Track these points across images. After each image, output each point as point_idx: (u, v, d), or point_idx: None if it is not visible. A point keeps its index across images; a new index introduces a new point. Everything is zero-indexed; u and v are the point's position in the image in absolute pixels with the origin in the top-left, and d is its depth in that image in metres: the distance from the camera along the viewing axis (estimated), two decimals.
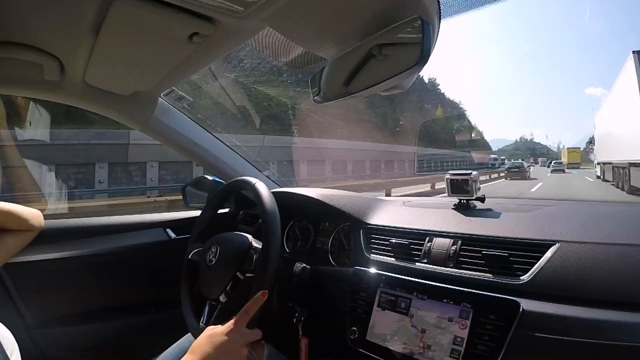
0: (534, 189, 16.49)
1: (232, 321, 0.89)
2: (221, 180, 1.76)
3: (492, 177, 27.15)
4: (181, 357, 1.15)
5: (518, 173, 28.03)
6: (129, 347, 1.58)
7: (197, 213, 1.77)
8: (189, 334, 1.24)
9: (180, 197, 1.82)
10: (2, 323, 1.02)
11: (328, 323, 1.23)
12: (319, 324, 1.22)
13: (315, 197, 1.40)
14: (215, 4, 0.79)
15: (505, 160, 47.41)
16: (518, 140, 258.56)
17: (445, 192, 1.27)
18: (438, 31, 0.86)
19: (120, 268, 1.61)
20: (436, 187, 14.74)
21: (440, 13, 0.82)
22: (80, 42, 1.01)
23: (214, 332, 0.87)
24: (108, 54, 1.06)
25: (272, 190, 1.20)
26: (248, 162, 1.76)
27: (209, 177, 1.78)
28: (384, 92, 0.95)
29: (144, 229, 1.68)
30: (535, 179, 25.91)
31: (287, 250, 1.52)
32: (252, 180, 1.18)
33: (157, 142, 1.63)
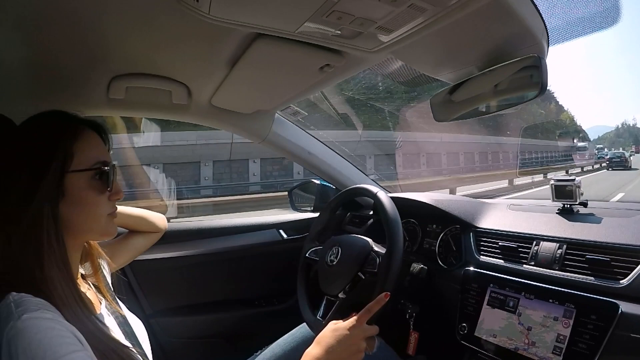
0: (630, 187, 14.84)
1: (354, 317, 0.96)
2: (329, 185, 1.86)
3: (594, 167, 26.05)
4: (294, 346, 1.27)
5: (619, 163, 26.38)
6: (241, 336, 1.72)
7: (305, 215, 1.93)
8: (302, 324, 1.35)
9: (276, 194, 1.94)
10: None
11: (438, 319, 1.30)
12: (429, 319, 1.29)
13: (426, 201, 1.46)
14: (350, 42, 0.88)
15: (605, 149, 43.93)
16: (619, 126, 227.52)
17: (527, 190, 1.30)
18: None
19: (236, 265, 1.76)
20: (515, 184, 13.98)
21: (549, 42, 0.89)
22: (212, 72, 1.14)
23: (338, 327, 0.95)
24: (239, 82, 1.17)
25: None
26: (356, 167, 1.83)
27: (316, 181, 1.87)
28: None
29: (259, 230, 1.82)
30: (637, 169, 24.22)
31: None
32: (374, 188, 1.26)
33: None
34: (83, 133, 0.80)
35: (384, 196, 1.21)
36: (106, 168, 0.81)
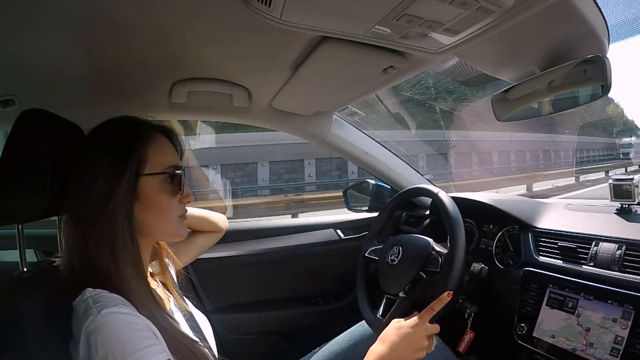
0: None
1: (418, 316, 0.98)
2: (384, 185, 1.87)
3: None
4: (352, 344, 1.28)
5: None
6: (298, 334, 1.75)
7: (360, 215, 1.94)
8: (360, 323, 1.36)
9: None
10: None
11: (495, 319, 1.29)
12: (486, 319, 1.28)
13: (485, 201, 1.45)
14: (415, 44, 0.89)
15: None
16: None
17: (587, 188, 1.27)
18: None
19: (293, 263, 1.79)
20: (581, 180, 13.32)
21: (609, 39, 0.89)
22: (274, 75, 1.17)
23: (401, 325, 0.96)
24: (301, 84, 1.20)
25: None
26: (412, 167, 1.83)
27: (371, 181, 1.88)
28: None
29: (317, 229, 1.85)
30: None
31: None
32: (434, 188, 1.28)
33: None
34: (155, 138, 0.84)
35: (445, 196, 1.22)
36: (178, 172, 0.84)
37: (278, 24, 0.78)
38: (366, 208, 1.93)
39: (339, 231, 1.86)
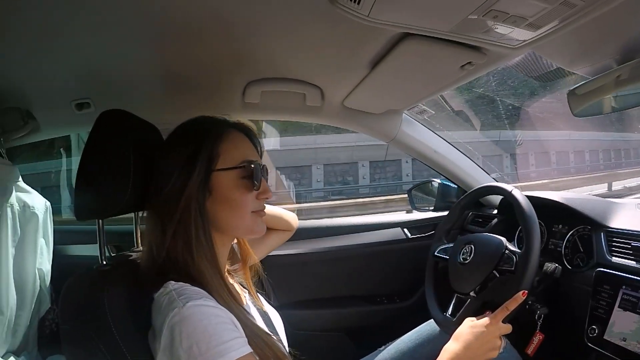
0: None
1: (492, 315, 0.97)
2: (451, 185, 1.85)
3: None
4: (419, 343, 1.27)
5: None
6: (363, 332, 1.75)
7: (425, 215, 1.92)
8: (427, 322, 1.34)
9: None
10: None
11: (564, 321, 1.25)
12: (556, 321, 1.25)
13: (557, 199, 1.41)
14: (495, 39, 0.88)
15: None
16: None
17: None
18: None
19: (359, 262, 1.79)
20: None
21: None
22: (350, 74, 1.19)
23: (476, 324, 0.96)
24: (377, 82, 1.21)
25: None
26: (479, 166, 1.80)
27: (437, 181, 1.88)
28: None
29: (384, 228, 1.85)
30: None
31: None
32: (508, 186, 1.26)
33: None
34: (229, 134, 0.87)
35: (519, 194, 1.21)
36: (252, 167, 0.86)
37: (365, 21, 0.80)
38: (432, 208, 1.92)
39: (406, 230, 1.85)
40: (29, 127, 1.40)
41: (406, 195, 2.11)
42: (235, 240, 1.06)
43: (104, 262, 0.90)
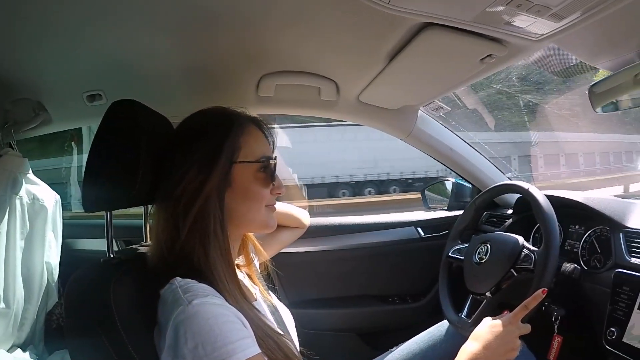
0: None
1: (511, 314, 0.94)
2: (465, 184, 1.82)
3: None
4: (431, 344, 1.24)
5: None
6: (374, 332, 1.73)
7: (438, 214, 1.88)
8: (440, 323, 1.32)
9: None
10: None
11: (581, 323, 1.22)
12: (572, 323, 1.21)
13: (576, 198, 1.38)
14: (517, 30, 0.86)
15: None
16: None
17: None
18: None
19: (371, 261, 1.77)
20: None
21: None
22: (366, 67, 1.16)
23: (495, 323, 0.93)
24: (394, 76, 1.18)
25: None
26: (495, 166, 1.77)
27: (450, 180, 1.86)
28: None
29: (397, 227, 1.82)
30: None
31: None
32: (525, 184, 1.23)
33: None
34: (249, 128, 0.86)
35: (537, 191, 1.19)
36: (271, 162, 0.86)
37: (386, 9, 0.77)
38: (445, 207, 1.90)
39: (419, 229, 1.82)
40: (40, 119, 1.39)
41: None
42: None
43: (112, 256, 0.88)
